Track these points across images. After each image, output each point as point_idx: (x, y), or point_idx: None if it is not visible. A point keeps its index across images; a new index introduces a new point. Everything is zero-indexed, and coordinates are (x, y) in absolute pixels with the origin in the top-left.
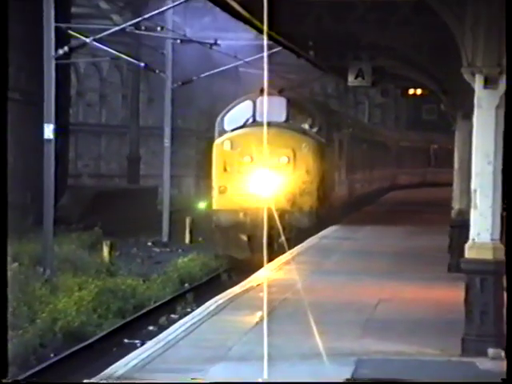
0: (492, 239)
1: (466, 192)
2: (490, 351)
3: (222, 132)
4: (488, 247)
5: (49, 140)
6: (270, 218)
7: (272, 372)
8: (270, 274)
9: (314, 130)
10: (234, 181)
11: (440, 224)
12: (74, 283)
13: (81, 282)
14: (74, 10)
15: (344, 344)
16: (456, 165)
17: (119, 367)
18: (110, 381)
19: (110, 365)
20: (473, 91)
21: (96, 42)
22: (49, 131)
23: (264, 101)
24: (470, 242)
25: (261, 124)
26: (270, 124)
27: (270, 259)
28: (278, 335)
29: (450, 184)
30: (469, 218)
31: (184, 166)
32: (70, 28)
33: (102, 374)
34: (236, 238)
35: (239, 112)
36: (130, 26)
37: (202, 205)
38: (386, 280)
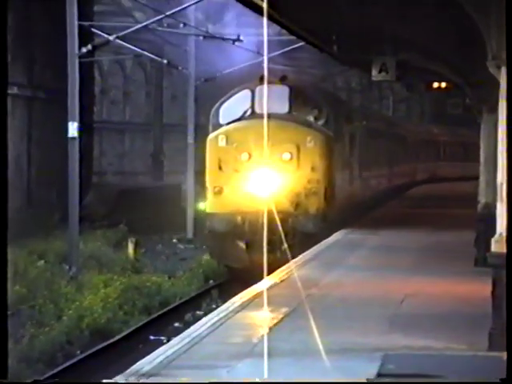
0: None
1: (493, 185)
2: None
3: (217, 126)
4: None
5: (73, 138)
6: (271, 222)
7: (298, 368)
8: (294, 269)
9: (321, 122)
10: (230, 181)
11: (463, 218)
12: (100, 280)
13: (106, 280)
14: (96, 8)
15: (370, 339)
16: (482, 158)
17: (145, 364)
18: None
19: (137, 361)
20: (498, 84)
21: (119, 39)
22: (73, 129)
23: (264, 90)
24: (496, 235)
25: (260, 116)
26: (270, 116)
27: (272, 269)
28: (304, 330)
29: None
30: (495, 212)
31: None
32: (93, 26)
33: (129, 370)
34: (233, 245)
35: (236, 103)
36: (152, 23)
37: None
38: (412, 275)
